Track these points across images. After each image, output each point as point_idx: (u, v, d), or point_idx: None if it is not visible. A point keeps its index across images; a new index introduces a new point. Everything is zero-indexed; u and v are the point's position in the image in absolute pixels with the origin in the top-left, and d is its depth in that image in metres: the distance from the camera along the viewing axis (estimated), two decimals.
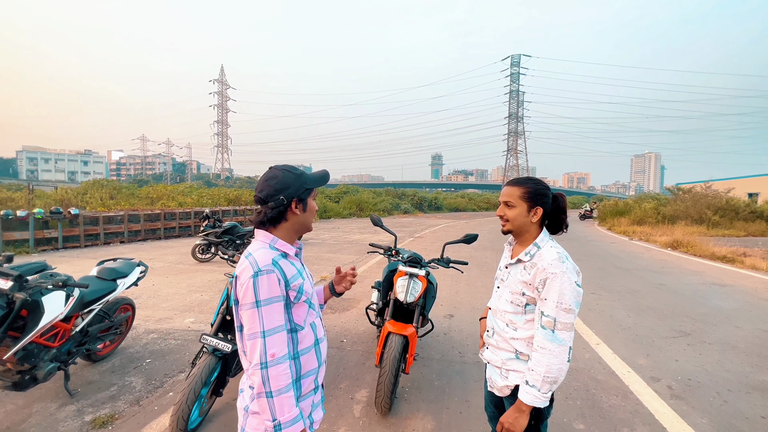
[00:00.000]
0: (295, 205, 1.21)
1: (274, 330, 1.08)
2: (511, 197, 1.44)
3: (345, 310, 4.83)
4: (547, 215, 1.46)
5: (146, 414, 2.53)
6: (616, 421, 2.53)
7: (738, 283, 6.74)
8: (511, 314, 1.46)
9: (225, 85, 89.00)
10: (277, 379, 1.06)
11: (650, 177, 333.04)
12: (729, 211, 18.01)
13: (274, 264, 1.11)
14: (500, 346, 1.51)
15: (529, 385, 1.32)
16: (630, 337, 4.07)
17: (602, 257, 9.58)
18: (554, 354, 1.29)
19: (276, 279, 1.09)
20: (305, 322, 1.20)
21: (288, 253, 1.20)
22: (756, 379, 3.16)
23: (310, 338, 1.21)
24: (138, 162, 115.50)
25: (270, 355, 1.06)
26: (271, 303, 1.08)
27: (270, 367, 1.06)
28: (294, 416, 1.08)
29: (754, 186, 26.16)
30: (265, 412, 1.07)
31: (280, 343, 1.08)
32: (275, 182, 1.20)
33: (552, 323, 1.31)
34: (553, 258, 1.35)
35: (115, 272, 3.17)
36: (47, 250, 9.23)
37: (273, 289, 1.09)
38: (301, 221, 1.24)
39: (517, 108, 77.33)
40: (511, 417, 1.35)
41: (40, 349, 2.43)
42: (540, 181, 1.46)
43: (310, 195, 1.25)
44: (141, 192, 20.65)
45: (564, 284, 1.31)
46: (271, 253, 1.14)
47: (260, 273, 1.08)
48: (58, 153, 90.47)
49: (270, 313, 1.08)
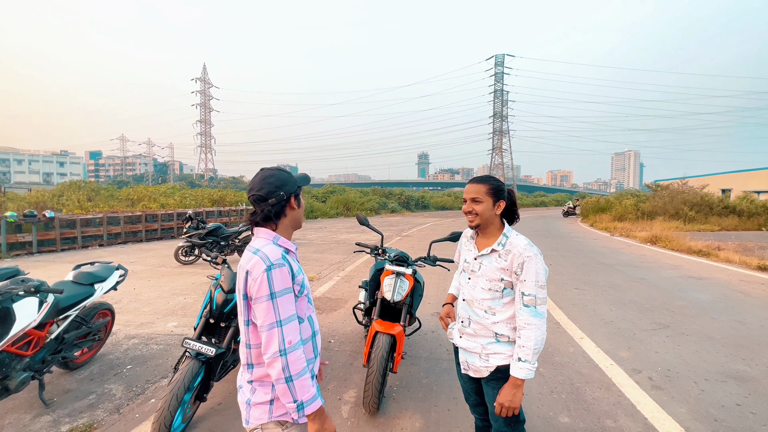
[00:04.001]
0: (293, 200, 1.31)
1: (289, 319, 1.16)
2: (478, 194, 1.58)
3: (332, 311, 4.80)
4: (508, 207, 1.64)
5: (127, 422, 2.45)
6: (599, 413, 2.59)
7: (713, 276, 6.99)
8: (489, 301, 1.59)
9: (208, 84, 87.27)
10: (296, 363, 1.13)
11: (630, 174, 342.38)
12: (704, 207, 18.65)
13: (284, 258, 1.19)
14: (479, 333, 1.62)
15: (522, 361, 1.46)
16: (612, 331, 4.17)
17: (585, 253, 9.80)
18: (538, 327, 1.46)
19: (287, 272, 1.18)
20: (305, 315, 1.28)
21: (290, 249, 1.28)
22: (731, 369, 3.28)
23: (308, 330, 1.28)
24: (117, 163, 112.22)
25: (288, 342, 1.13)
26: (285, 294, 1.16)
27: (289, 353, 1.12)
28: (313, 394, 1.15)
29: (727, 182, 27.21)
30: (286, 396, 1.13)
31: (295, 330, 1.16)
32: (274, 179, 1.28)
33: (534, 300, 1.47)
34: (525, 244, 1.53)
35: (93, 276, 3.06)
36: (21, 254, 8.87)
37: (285, 281, 1.16)
38: (297, 217, 1.34)
39: (501, 107, 78.30)
40: (509, 394, 1.48)
41: (12, 358, 2.32)
42: (497, 178, 1.64)
43: (300, 192, 1.36)
44: (121, 193, 20.05)
45: (538, 265, 1.49)
46: (276, 248, 1.22)
47: (273, 267, 1.15)
48: (32, 154, 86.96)
49: (284, 304, 1.15)
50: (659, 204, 19.28)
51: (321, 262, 8.00)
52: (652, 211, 18.90)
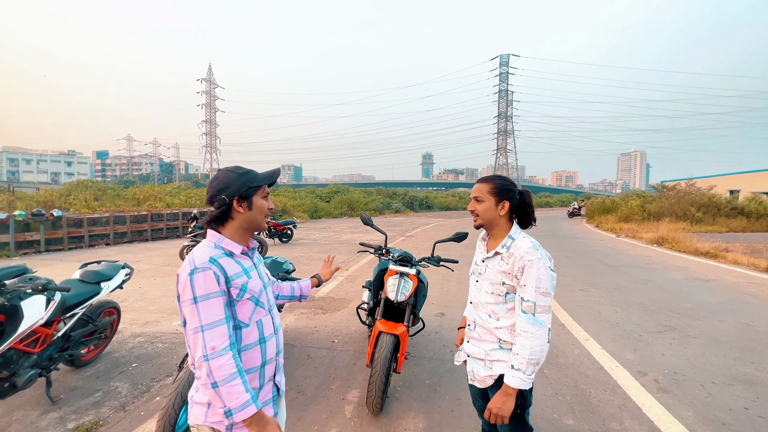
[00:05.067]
0: (237, 203, 1.24)
1: (213, 324, 1.11)
2: (480, 192, 1.54)
3: (336, 310, 4.80)
4: (515, 210, 1.55)
5: (132, 420, 2.47)
6: (604, 416, 2.56)
7: (721, 278, 6.91)
8: (492, 305, 1.53)
9: (213, 84, 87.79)
10: (220, 369, 1.09)
11: (636, 175, 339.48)
12: (711, 208, 18.44)
13: (211, 261, 1.15)
14: (483, 338, 1.57)
15: (515, 369, 1.39)
16: (618, 333, 4.13)
17: (590, 254, 9.73)
18: (536, 336, 1.37)
19: (213, 275, 1.13)
20: (250, 319, 1.23)
21: (233, 251, 1.23)
22: (739, 372, 3.24)
23: (254, 335, 1.24)
24: (124, 163, 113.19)
25: (210, 348, 1.10)
26: (209, 299, 1.12)
27: (211, 359, 1.09)
28: (243, 401, 1.10)
29: (735, 183, 26.88)
30: (216, 400, 1.11)
31: (220, 336, 1.11)
32: (216, 183, 1.25)
33: (532, 307, 1.39)
34: (528, 247, 1.44)
35: (99, 275, 3.09)
36: (29, 253, 8.97)
37: (209, 285, 1.12)
38: (249, 219, 1.27)
39: (506, 107, 78.01)
40: (499, 402, 1.42)
41: (20, 355, 2.35)
42: (506, 178, 1.57)
43: (256, 193, 1.27)
44: (127, 193, 20.22)
45: (540, 270, 1.40)
46: (212, 252, 1.18)
47: (196, 270, 1.12)
48: (40, 153, 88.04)
49: (207, 308, 1.11)
50: (666, 205, 19.11)
51: None
52: (658, 212, 18.73)
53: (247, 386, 1.13)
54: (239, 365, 1.13)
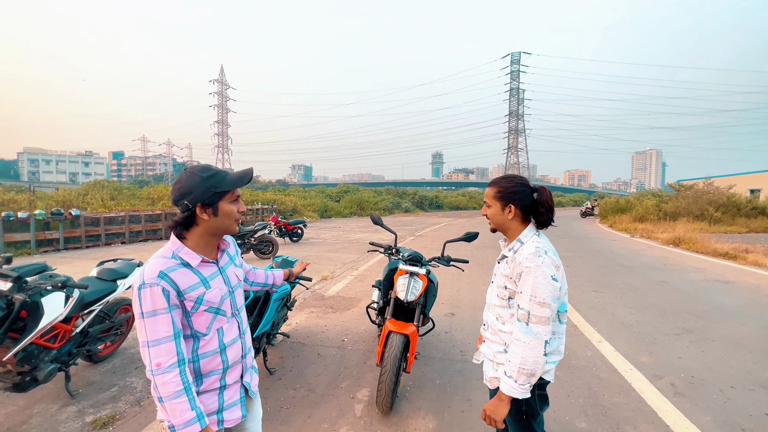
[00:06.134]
0: (201, 209, 1.15)
1: (158, 341, 1.08)
2: (487, 197, 1.52)
3: (346, 309, 4.82)
4: (527, 210, 1.46)
5: (147, 414, 2.53)
6: (618, 419, 2.52)
7: (741, 280, 6.71)
8: (498, 308, 1.51)
9: (225, 85, 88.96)
10: (164, 387, 1.08)
11: (651, 174, 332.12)
12: (731, 208, 17.92)
13: (161, 276, 1.09)
14: (492, 339, 1.56)
15: (507, 375, 1.36)
16: (632, 335, 4.05)
17: (604, 255, 9.55)
18: (529, 346, 1.31)
19: (160, 292, 1.08)
20: (209, 328, 1.20)
21: (190, 262, 1.17)
22: (760, 377, 3.14)
23: (214, 343, 1.22)
24: (139, 163, 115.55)
25: (155, 364, 1.08)
26: (155, 315, 1.08)
27: (156, 375, 1.08)
28: (187, 420, 1.09)
29: (756, 182, 26.05)
30: (163, 413, 1.13)
31: (166, 354, 1.09)
32: (179, 186, 1.16)
33: (526, 316, 1.34)
34: (529, 252, 1.37)
35: (115, 273, 3.16)
36: (48, 251, 9.24)
37: (156, 301, 1.08)
38: (215, 226, 1.19)
39: (517, 106, 77.13)
40: (492, 405, 1.40)
41: (41, 350, 2.43)
42: (514, 178, 1.49)
43: (222, 198, 1.17)
44: (142, 193, 20.64)
45: (538, 278, 1.32)
46: (164, 263, 1.12)
47: (143, 286, 1.08)
48: (59, 154, 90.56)
49: (153, 325, 1.08)
50: (682, 204, 18.62)
51: (334, 261, 8.05)
52: (674, 211, 18.28)
53: (194, 403, 1.11)
54: (186, 382, 1.11)
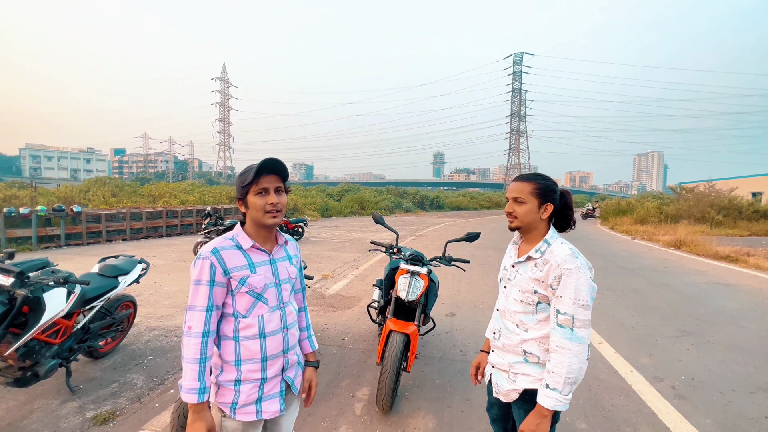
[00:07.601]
0: (239, 204, 1.34)
1: (195, 307, 1.22)
2: (521, 193, 1.40)
3: (346, 308, 4.82)
4: (555, 212, 1.44)
5: (147, 411, 2.53)
6: (618, 421, 2.51)
7: (742, 283, 6.70)
8: (521, 314, 1.41)
9: (227, 83, 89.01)
10: (187, 348, 1.19)
11: (653, 176, 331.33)
12: (732, 211, 17.87)
13: (213, 252, 1.24)
14: (507, 349, 1.46)
15: (550, 389, 1.27)
16: (633, 337, 4.04)
17: (604, 256, 9.54)
18: (574, 353, 1.25)
19: (208, 265, 1.22)
20: (249, 311, 1.28)
21: (242, 245, 1.30)
22: (761, 380, 3.13)
23: (254, 329, 1.29)
24: (140, 160, 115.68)
25: (188, 326, 1.21)
26: (199, 284, 1.22)
27: (185, 336, 1.21)
28: (190, 387, 1.17)
29: (758, 185, 25.98)
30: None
31: (198, 320, 1.21)
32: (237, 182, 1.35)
33: (570, 321, 1.26)
34: (566, 254, 1.32)
35: (117, 269, 3.16)
36: (50, 247, 9.27)
37: (202, 272, 1.22)
38: (251, 217, 1.32)
39: (519, 106, 77.00)
40: (533, 424, 1.29)
41: (42, 345, 2.43)
42: (548, 177, 1.44)
43: (249, 192, 1.28)
44: (143, 190, 20.70)
45: (580, 280, 1.27)
46: (221, 242, 1.28)
47: (199, 258, 1.24)
48: (60, 151, 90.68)
49: (195, 292, 1.22)
50: (684, 207, 18.59)
51: (335, 260, 8.05)
52: (676, 214, 18.25)
53: (202, 376, 1.19)
54: (204, 354, 1.20)
